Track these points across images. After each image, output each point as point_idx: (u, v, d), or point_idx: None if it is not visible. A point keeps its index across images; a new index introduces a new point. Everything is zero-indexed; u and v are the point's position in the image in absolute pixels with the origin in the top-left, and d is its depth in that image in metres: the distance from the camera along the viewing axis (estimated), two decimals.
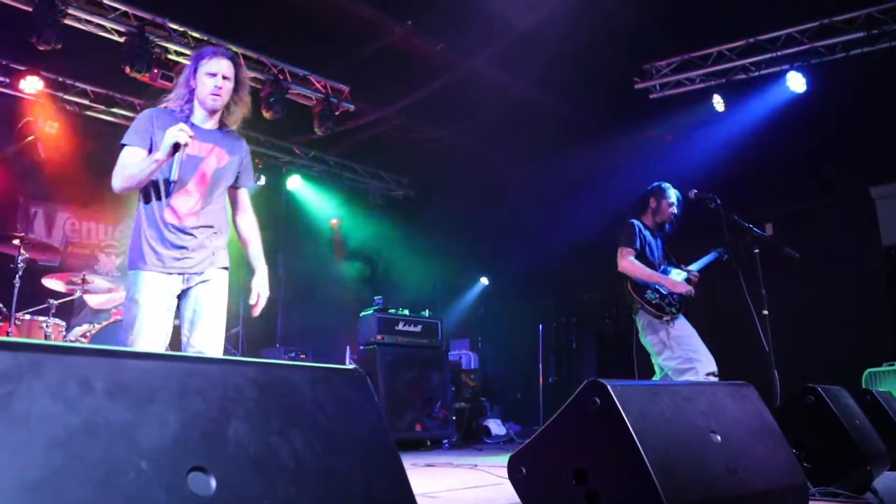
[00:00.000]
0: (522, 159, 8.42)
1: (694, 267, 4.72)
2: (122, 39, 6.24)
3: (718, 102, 7.13)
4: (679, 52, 7.18)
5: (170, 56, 6.54)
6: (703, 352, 4.35)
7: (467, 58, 6.92)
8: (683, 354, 4.31)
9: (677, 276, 4.59)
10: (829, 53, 6.51)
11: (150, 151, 2.96)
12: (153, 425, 0.86)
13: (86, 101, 7.55)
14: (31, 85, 6.89)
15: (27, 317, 5.39)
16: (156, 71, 6.32)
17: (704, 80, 7.25)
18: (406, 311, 7.25)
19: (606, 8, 5.99)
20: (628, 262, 4.49)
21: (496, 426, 8.09)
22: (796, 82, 6.66)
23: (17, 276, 5.11)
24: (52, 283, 5.78)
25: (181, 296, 3.04)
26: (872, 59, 6.26)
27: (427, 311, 7.50)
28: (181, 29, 6.50)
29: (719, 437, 2.02)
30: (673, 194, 4.72)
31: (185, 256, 3.00)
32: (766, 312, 4.28)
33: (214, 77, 3.01)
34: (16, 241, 5.19)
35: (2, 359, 0.76)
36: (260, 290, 3.19)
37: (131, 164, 2.92)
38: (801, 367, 4.98)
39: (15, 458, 0.72)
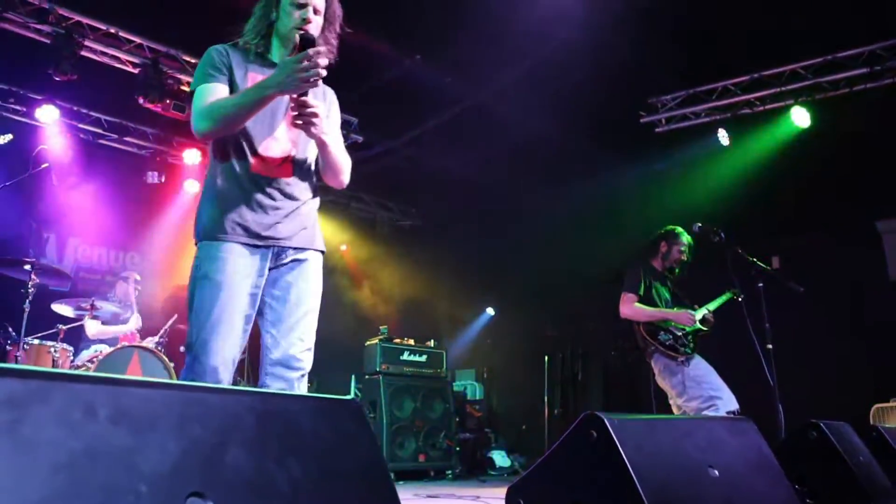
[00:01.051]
0: (529, 191, 8.49)
1: (708, 307, 4.70)
2: (136, 71, 6.39)
3: (724, 136, 7.19)
4: (684, 86, 7.27)
5: (182, 87, 6.69)
6: (724, 389, 4.33)
7: (475, 91, 7.02)
8: (703, 394, 4.28)
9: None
10: (833, 89, 6.58)
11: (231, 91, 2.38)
12: (154, 451, 0.89)
13: (99, 130, 7.70)
14: (47, 114, 7.03)
15: (36, 342, 5.44)
16: (168, 101, 6.47)
17: (710, 114, 7.32)
18: (411, 341, 7.26)
19: (612, 42, 6.08)
20: (629, 308, 4.51)
21: (501, 458, 8.04)
22: (801, 117, 6.72)
23: (27, 300, 5.18)
24: (61, 308, 5.84)
25: (267, 278, 2.38)
26: (876, 95, 6.32)
27: (432, 340, 7.51)
28: (194, 61, 6.65)
29: (717, 472, 2.03)
30: (685, 240, 4.72)
31: (277, 221, 2.36)
32: (770, 346, 4.28)
33: (304, 8, 2.41)
34: (27, 267, 5.27)
35: (12, 385, 0.80)
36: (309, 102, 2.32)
37: (229, 101, 2.30)
38: (808, 402, 4.95)
39: (21, 481, 0.75)
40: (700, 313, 4.57)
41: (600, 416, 1.86)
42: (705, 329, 4.56)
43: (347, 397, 1.25)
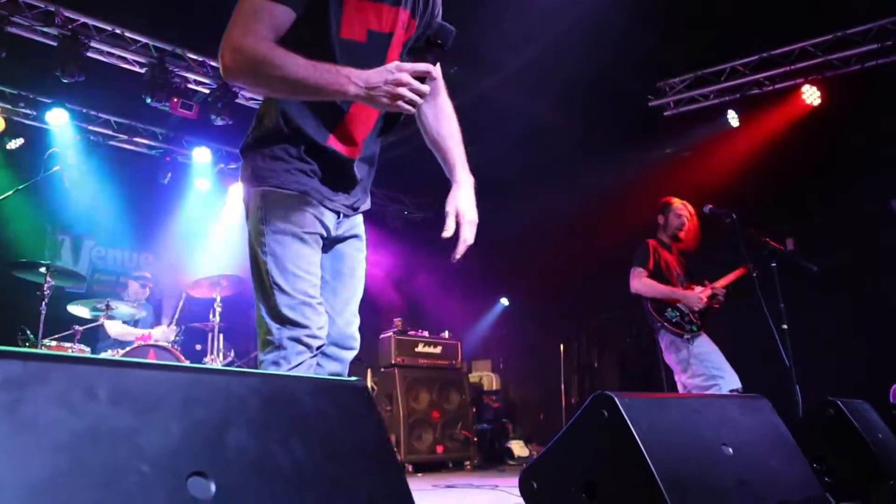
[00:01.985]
0: (539, 179, 8.45)
1: (719, 283, 4.70)
2: (142, 70, 6.41)
3: (733, 118, 7.12)
4: (692, 68, 7.20)
5: (189, 85, 6.71)
6: (727, 369, 4.35)
7: (481, 80, 6.99)
8: (706, 372, 4.31)
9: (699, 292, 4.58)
10: (844, 66, 6.50)
11: (307, 17, 1.75)
12: (155, 432, 0.90)
13: (109, 131, 7.74)
14: (57, 117, 7.07)
15: (53, 343, 5.50)
16: (176, 100, 6.48)
17: (719, 95, 7.25)
18: (426, 333, 7.27)
19: (619, 26, 6.03)
20: (639, 282, 4.52)
21: (519, 447, 8.04)
22: (811, 95, 6.64)
23: (44, 303, 5.23)
24: (77, 309, 5.89)
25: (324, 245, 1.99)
26: (886, 71, 6.24)
27: (447, 332, 7.51)
28: (200, 59, 6.66)
29: (731, 450, 2.01)
30: (678, 204, 4.75)
31: (343, 190, 2.02)
32: (785, 327, 4.25)
33: None
34: (42, 270, 5.32)
35: (11, 367, 0.80)
36: (461, 208, 2.03)
37: (290, 69, 1.65)
38: (825, 382, 4.91)
39: (22, 461, 0.76)
40: (706, 293, 4.56)
41: (611, 395, 1.85)
42: (716, 306, 4.56)
43: (352, 378, 1.25)
